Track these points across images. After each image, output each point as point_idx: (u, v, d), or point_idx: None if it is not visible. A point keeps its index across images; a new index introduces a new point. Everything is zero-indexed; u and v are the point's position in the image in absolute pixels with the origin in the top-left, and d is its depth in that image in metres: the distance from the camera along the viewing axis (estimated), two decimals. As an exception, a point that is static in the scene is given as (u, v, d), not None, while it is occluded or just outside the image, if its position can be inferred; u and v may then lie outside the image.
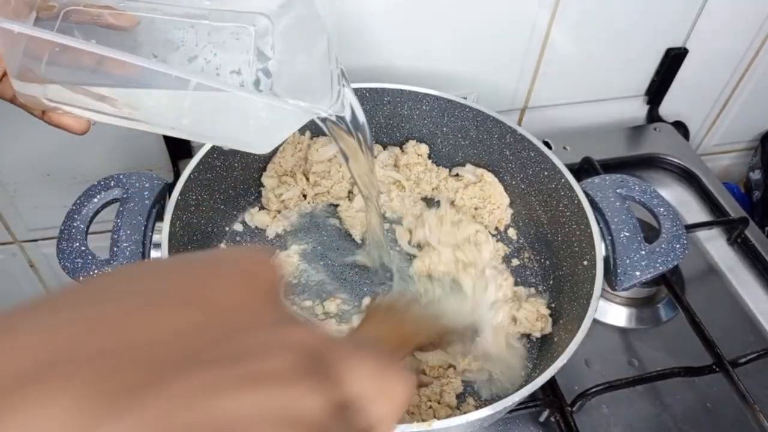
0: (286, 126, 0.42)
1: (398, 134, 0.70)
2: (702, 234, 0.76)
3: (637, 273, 0.53)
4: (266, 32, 0.46)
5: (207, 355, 0.16)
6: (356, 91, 0.66)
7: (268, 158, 0.67)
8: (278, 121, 0.41)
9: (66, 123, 0.41)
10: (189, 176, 0.56)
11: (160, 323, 0.17)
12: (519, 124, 0.82)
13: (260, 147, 0.43)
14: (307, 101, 0.40)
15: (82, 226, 0.52)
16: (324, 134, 0.69)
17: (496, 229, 0.68)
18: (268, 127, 0.41)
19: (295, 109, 0.39)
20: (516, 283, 0.63)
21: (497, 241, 0.67)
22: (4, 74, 0.38)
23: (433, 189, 0.70)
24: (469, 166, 0.69)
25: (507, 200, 0.68)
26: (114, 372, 0.15)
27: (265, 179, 0.67)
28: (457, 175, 0.70)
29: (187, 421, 0.15)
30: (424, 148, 0.70)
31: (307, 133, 0.68)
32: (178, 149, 0.75)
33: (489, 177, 0.67)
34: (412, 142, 0.70)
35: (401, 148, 0.71)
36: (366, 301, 0.60)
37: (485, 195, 0.67)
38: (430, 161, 0.71)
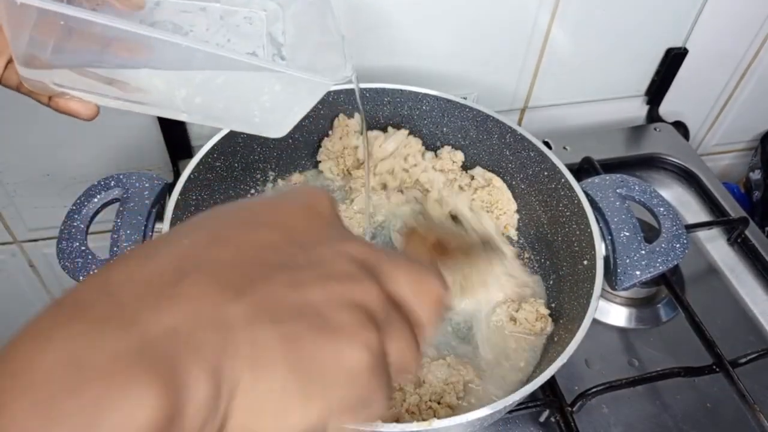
0: (300, 102, 0.41)
1: (398, 134, 0.70)
2: (702, 234, 0.76)
3: (637, 273, 0.53)
4: (277, 17, 0.45)
5: (292, 261, 0.22)
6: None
7: (268, 158, 0.67)
8: (293, 95, 0.40)
9: (74, 108, 0.40)
10: (189, 176, 0.56)
11: (253, 240, 0.23)
12: (519, 124, 0.82)
13: (275, 129, 0.42)
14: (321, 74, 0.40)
15: (82, 226, 0.52)
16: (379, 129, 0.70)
17: (501, 234, 0.68)
18: (283, 103, 0.40)
19: (309, 78, 0.38)
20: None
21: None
22: (9, 61, 0.37)
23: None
24: (478, 169, 0.69)
25: (514, 206, 0.67)
26: (228, 274, 0.21)
27: (322, 166, 0.71)
28: (472, 177, 0.70)
29: (285, 303, 0.21)
30: (459, 156, 0.69)
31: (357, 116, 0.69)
32: (178, 149, 0.75)
33: (498, 182, 0.67)
34: (447, 148, 0.70)
35: (436, 153, 0.70)
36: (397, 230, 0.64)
37: (493, 200, 0.67)
38: (462, 170, 0.70)
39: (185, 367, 0.18)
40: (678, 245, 0.54)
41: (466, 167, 0.70)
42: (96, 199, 0.53)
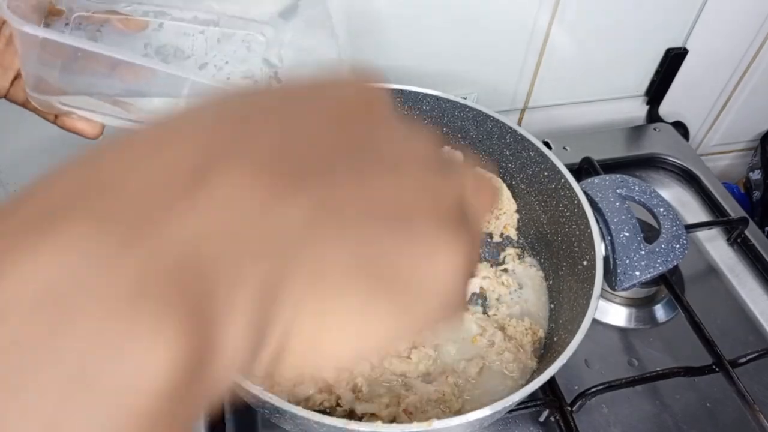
0: None
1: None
2: (702, 234, 0.76)
3: (637, 273, 0.53)
4: (274, 41, 0.46)
5: (356, 153, 0.17)
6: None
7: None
8: None
9: (79, 127, 0.41)
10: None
11: (302, 125, 0.17)
12: (519, 124, 0.82)
13: None
14: None
15: (82, 226, 0.52)
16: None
17: (501, 234, 0.68)
18: None
19: None
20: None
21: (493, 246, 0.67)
22: (16, 77, 0.38)
23: None
24: (478, 169, 0.69)
25: (514, 206, 0.68)
26: (276, 163, 0.15)
27: None
28: None
29: (355, 202, 0.16)
30: (458, 157, 0.69)
31: None
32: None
33: (497, 182, 0.67)
34: (446, 149, 0.70)
35: None
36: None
37: None
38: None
39: (221, 293, 0.13)
40: (678, 245, 0.55)
41: (465, 167, 0.70)
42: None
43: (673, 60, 0.82)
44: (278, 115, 0.17)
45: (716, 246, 0.75)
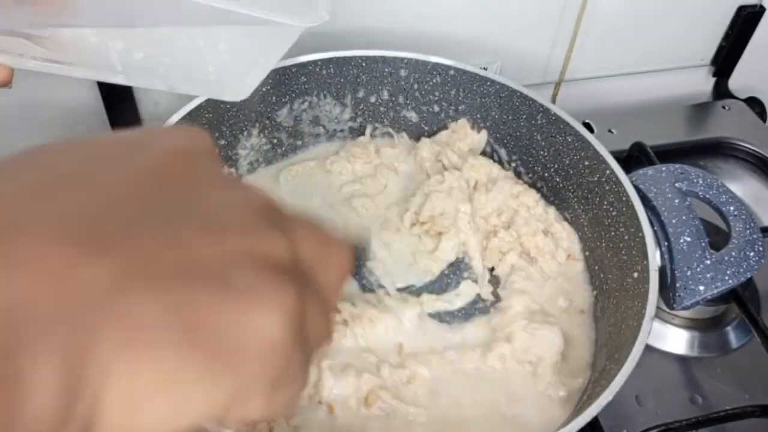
0: (265, 52, 0.41)
1: (402, 115, 0.71)
2: (782, 239, 0.76)
3: (701, 288, 0.53)
4: None
5: (169, 211, 0.21)
6: (349, 60, 0.66)
7: (237, 146, 0.67)
8: (256, 43, 0.40)
9: None
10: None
11: (111, 185, 0.20)
12: (553, 101, 0.82)
13: (234, 89, 0.42)
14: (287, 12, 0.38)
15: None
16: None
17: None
18: (244, 54, 0.40)
19: (273, 19, 0.36)
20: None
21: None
22: None
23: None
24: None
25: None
26: (80, 227, 0.19)
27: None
28: None
29: (166, 261, 0.19)
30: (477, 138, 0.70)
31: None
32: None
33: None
34: (462, 122, 0.71)
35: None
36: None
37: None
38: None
39: (22, 361, 0.16)
40: (752, 253, 0.55)
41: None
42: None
43: (746, 20, 0.82)
44: (89, 175, 0.21)
45: (800, 254, 0.75)
